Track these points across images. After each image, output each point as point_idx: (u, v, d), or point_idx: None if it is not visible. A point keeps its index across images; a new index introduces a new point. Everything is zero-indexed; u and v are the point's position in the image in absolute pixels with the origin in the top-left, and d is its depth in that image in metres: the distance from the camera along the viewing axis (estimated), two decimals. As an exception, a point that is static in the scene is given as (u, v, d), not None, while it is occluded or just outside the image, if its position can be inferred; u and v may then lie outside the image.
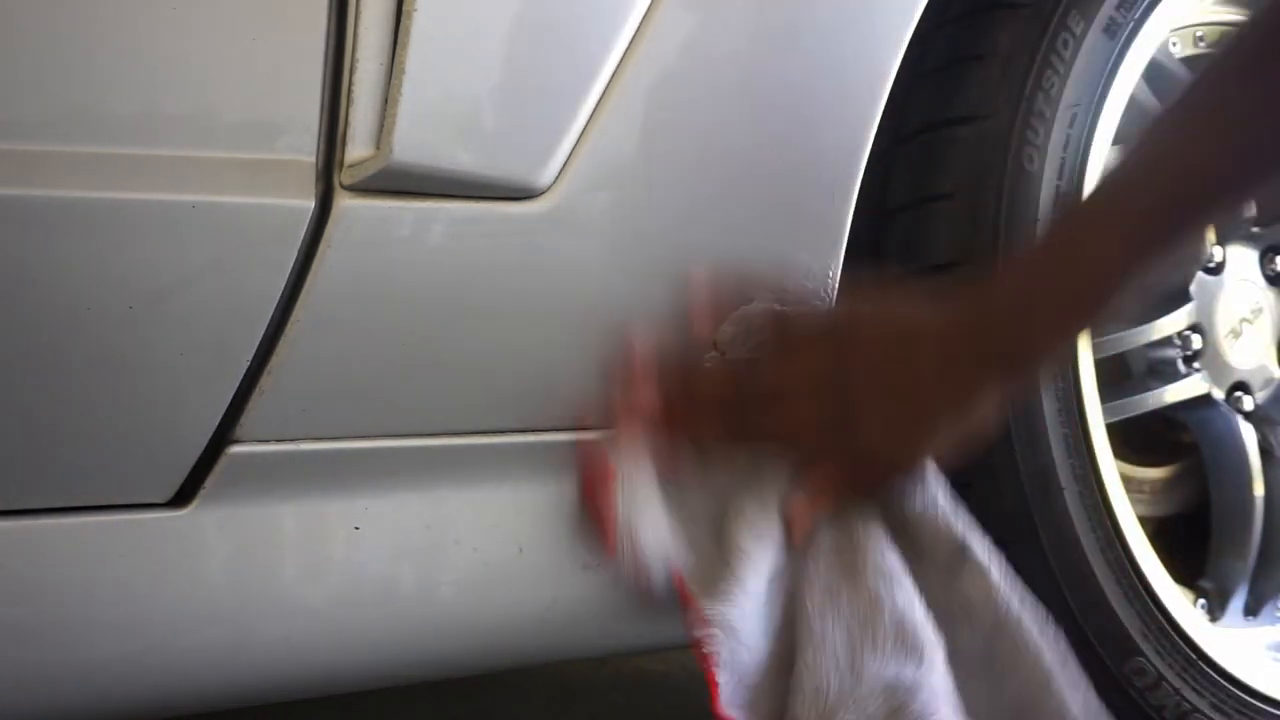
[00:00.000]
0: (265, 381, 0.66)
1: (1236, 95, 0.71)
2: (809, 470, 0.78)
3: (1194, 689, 0.96)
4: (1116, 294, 0.74)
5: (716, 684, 0.73)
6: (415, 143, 0.66)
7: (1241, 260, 1.16)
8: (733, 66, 0.76)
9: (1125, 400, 1.06)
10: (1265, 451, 1.16)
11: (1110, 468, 0.93)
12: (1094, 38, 0.91)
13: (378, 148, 0.66)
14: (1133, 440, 1.15)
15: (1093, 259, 0.73)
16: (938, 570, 0.79)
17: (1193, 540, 1.17)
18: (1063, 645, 0.79)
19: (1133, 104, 0.97)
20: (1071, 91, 0.90)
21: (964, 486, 0.88)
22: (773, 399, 0.78)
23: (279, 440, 0.68)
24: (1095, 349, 0.96)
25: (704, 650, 0.73)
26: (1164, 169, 0.72)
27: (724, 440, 0.78)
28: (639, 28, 0.72)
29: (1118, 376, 1.11)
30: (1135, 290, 0.74)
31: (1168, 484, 1.21)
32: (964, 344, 0.76)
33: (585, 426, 0.77)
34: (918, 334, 0.77)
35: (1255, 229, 1.17)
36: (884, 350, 0.77)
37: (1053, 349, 0.79)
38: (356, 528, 0.72)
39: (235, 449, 0.67)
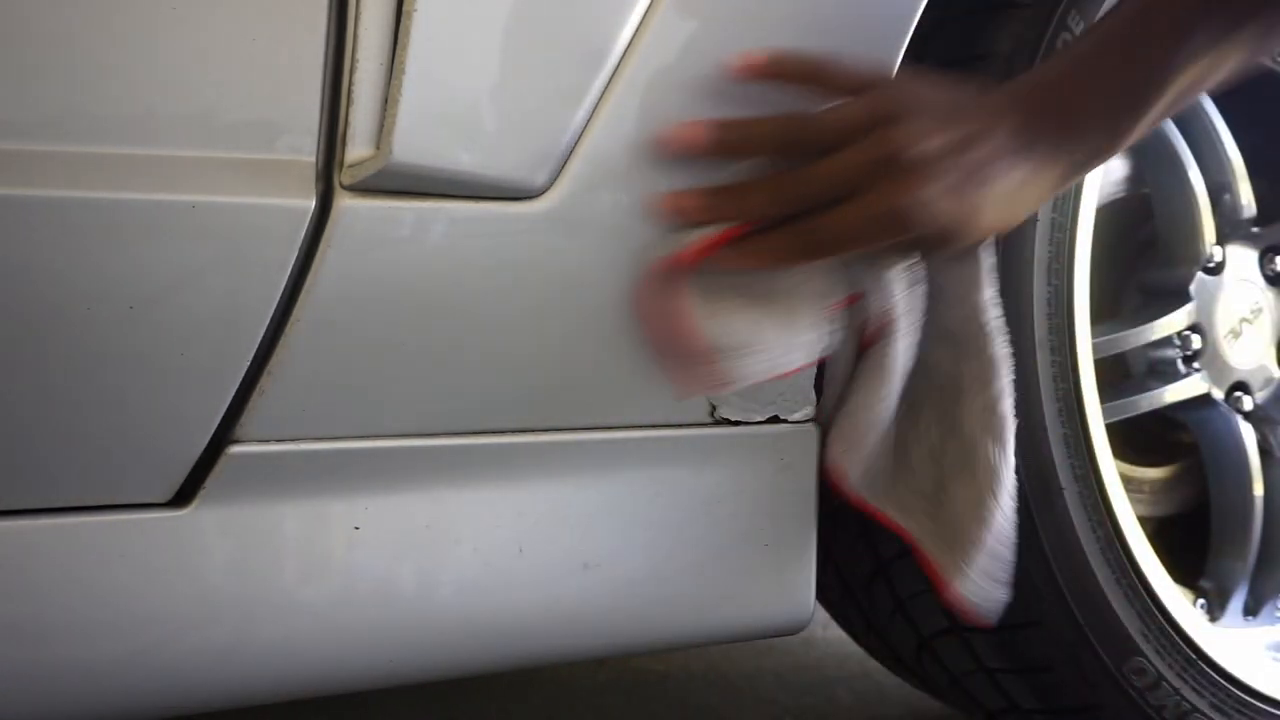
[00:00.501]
0: (265, 381, 0.66)
1: None
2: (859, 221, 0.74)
3: (1194, 689, 0.96)
4: (1166, 89, 0.74)
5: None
6: (415, 143, 0.66)
7: (1241, 260, 1.16)
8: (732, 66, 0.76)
9: (1125, 400, 1.06)
10: (1265, 451, 1.16)
11: (1110, 468, 0.93)
12: (1094, 38, 0.91)
13: (378, 148, 0.66)
14: (1133, 440, 1.15)
15: (1147, 44, 0.74)
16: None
17: (1193, 540, 1.17)
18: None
19: (1133, 104, 0.97)
20: (1071, 91, 0.90)
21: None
22: (830, 146, 0.74)
23: (279, 440, 0.68)
24: (1095, 349, 0.96)
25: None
26: None
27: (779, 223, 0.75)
28: (639, 28, 0.72)
29: (1118, 376, 1.11)
30: (1180, 99, 0.75)
31: (1168, 484, 1.21)
32: (1009, 135, 0.74)
33: (585, 427, 0.77)
34: (970, 122, 0.74)
35: (1255, 229, 1.17)
36: (945, 104, 0.75)
37: (1095, 148, 0.77)
38: (356, 528, 0.72)
39: (235, 449, 0.67)
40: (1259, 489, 1.15)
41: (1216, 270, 1.13)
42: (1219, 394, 1.13)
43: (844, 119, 0.74)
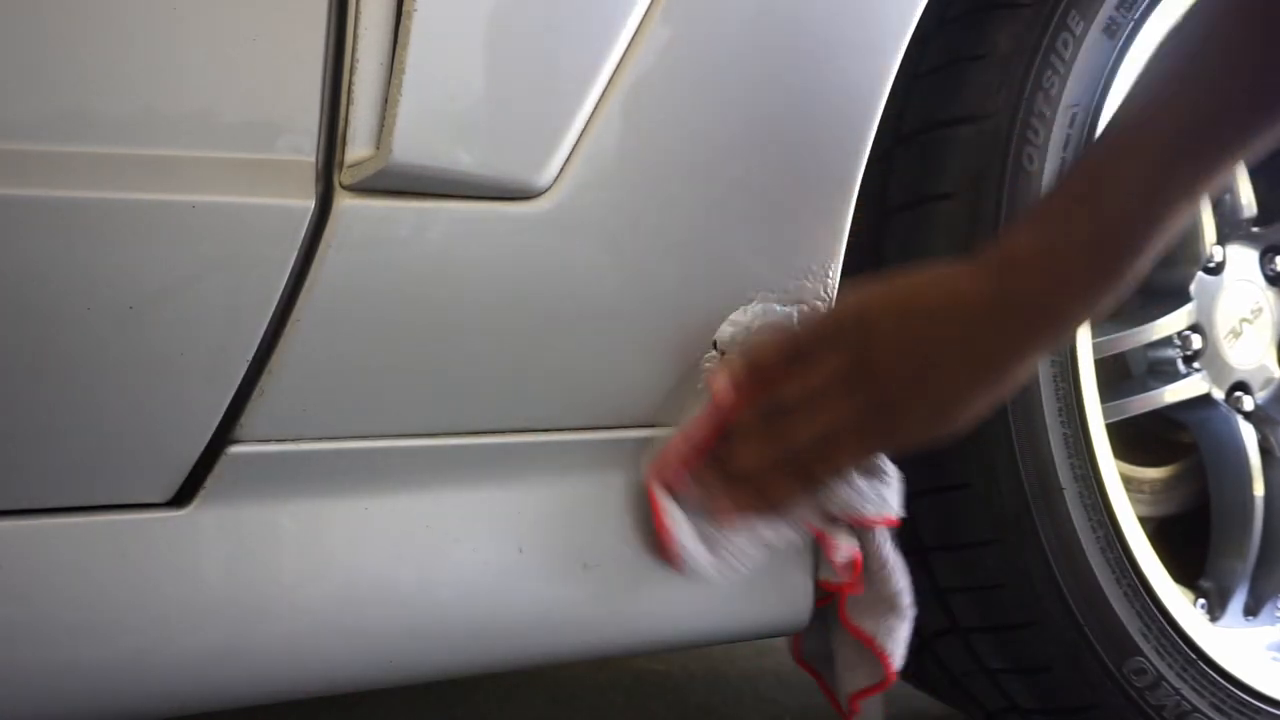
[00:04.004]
0: (265, 381, 0.66)
1: (1239, 30, 0.69)
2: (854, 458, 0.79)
3: (1194, 689, 0.96)
4: (1146, 235, 0.71)
5: None
6: (415, 143, 0.66)
7: (1241, 260, 1.16)
8: (732, 66, 0.76)
9: (1125, 400, 1.06)
10: (1265, 451, 1.16)
11: (1110, 468, 0.93)
12: (1094, 38, 0.91)
13: (378, 148, 0.66)
14: (1133, 440, 1.15)
15: (1117, 194, 0.71)
16: None
17: (1193, 540, 1.17)
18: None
19: (1133, 104, 0.97)
20: (1071, 91, 0.90)
21: (964, 486, 0.88)
22: (804, 407, 0.76)
23: (279, 440, 0.68)
24: (1095, 349, 0.96)
25: None
26: (1179, 99, 0.70)
27: (771, 472, 0.78)
28: (639, 28, 0.72)
29: (1118, 376, 1.11)
30: (1164, 238, 0.71)
31: (1168, 484, 1.21)
32: (987, 304, 0.73)
33: (585, 427, 0.77)
34: (936, 304, 0.75)
35: (1255, 229, 1.17)
36: (904, 329, 0.75)
37: (1084, 299, 0.74)
38: (356, 528, 0.72)
39: (235, 449, 0.67)
40: (1259, 489, 1.15)
41: (1217, 270, 1.13)
42: (1219, 394, 1.13)
43: (813, 386, 0.76)
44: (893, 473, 0.83)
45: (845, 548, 0.82)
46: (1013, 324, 0.73)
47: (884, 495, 0.82)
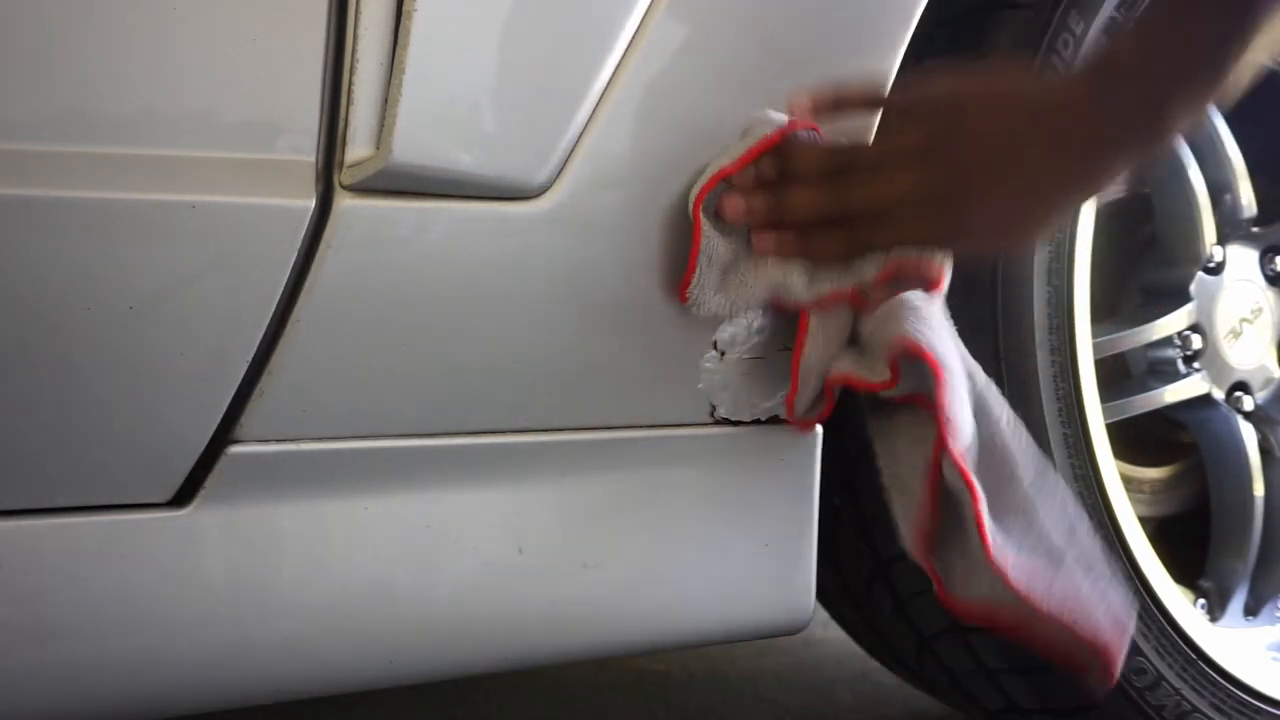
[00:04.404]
0: (265, 381, 0.66)
1: None
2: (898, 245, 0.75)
3: (1194, 689, 0.96)
4: (1241, 42, 0.71)
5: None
6: (415, 143, 0.66)
7: (1241, 260, 1.16)
8: (732, 66, 0.76)
9: (1125, 400, 1.06)
10: (1265, 451, 1.16)
11: (1110, 468, 0.93)
12: (1094, 38, 0.91)
13: (378, 148, 0.66)
14: (1133, 440, 1.15)
15: (1207, 17, 0.71)
16: None
17: (1193, 540, 1.17)
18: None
19: (1133, 104, 0.97)
20: (1071, 91, 0.90)
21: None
22: (870, 171, 0.74)
23: (279, 440, 0.68)
24: (1095, 349, 0.96)
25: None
26: None
27: (822, 224, 0.76)
28: (639, 28, 0.72)
29: (1118, 376, 1.11)
30: (1256, 49, 0.71)
31: (1168, 484, 1.21)
32: (1081, 113, 0.72)
33: (585, 427, 0.77)
34: (1031, 103, 0.74)
35: (1255, 229, 1.17)
36: (994, 119, 0.74)
37: (1182, 105, 0.73)
38: (356, 528, 0.72)
39: (235, 449, 0.67)
40: (1259, 489, 1.15)
41: (1217, 270, 1.13)
42: (1219, 394, 1.13)
43: (889, 149, 0.75)
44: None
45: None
46: (1108, 128, 0.73)
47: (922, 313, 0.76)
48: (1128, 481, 1.00)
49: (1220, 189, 1.14)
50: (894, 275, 0.76)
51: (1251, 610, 1.13)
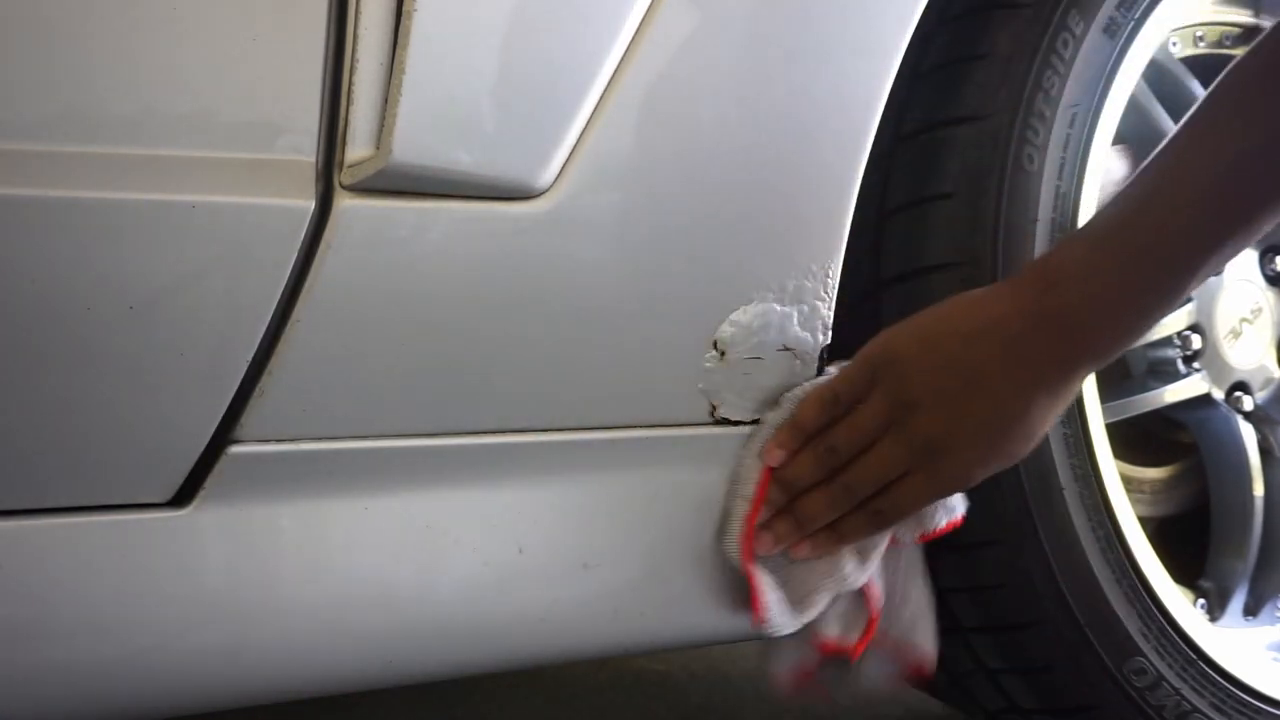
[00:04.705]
0: (265, 381, 0.66)
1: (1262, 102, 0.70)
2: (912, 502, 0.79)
3: (1194, 689, 0.96)
4: (1190, 279, 0.71)
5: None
6: (415, 143, 0.66)
7: (1241, 260, 1.16)
8: (732, 66, 0.76)
9: (1125, 400, 1.06)
10: (1265, 451, 1.16)
11: (1110, 468, 0.93)
12: (1094, 38, 0.91)
13: (378, 148, 0.66)
14: (1133, 440, 1.15)
15: (1166, 215, 0.71)
16: None
17: (1193, 540, 1.17)
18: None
19: (1133, 104, 0.97)
20: (1071, 91, 0.90)
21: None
22: (859, 460, 0.78)
23: (279, 440, 0.68)
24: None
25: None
26: (1217, 156, 0.70)
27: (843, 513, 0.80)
28: (639, 28, 0.72)
29: (1118, 376, 1.11)
30: (1212, 263, 0.71)
31: (1168, 484, 1.21)
32: (1030, 325, 0.73)
33: (585, 427, 0.77)
34: (969, 327, 0.75)
35: (1255, 229, 1.17)
36: (938, 358, 0.75)
37: (1130, 332, 0.74)
38: (357, 528, 0.71)
39: (235, 449, 0.67)
40: (1259, 489, 1.15)
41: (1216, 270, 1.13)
42: (1219, 394, 1.13)
43: (865, 422, 0.77)
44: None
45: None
46: (1054, 335, 0.73)
47: (948, 502, 0.83)
48: (1128, 481, 1.00)
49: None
50: (930, 537, 0.84)
51: (1251, 610, 1.13)
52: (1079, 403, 0.91)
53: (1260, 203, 0.71)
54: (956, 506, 0.83)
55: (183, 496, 0.67)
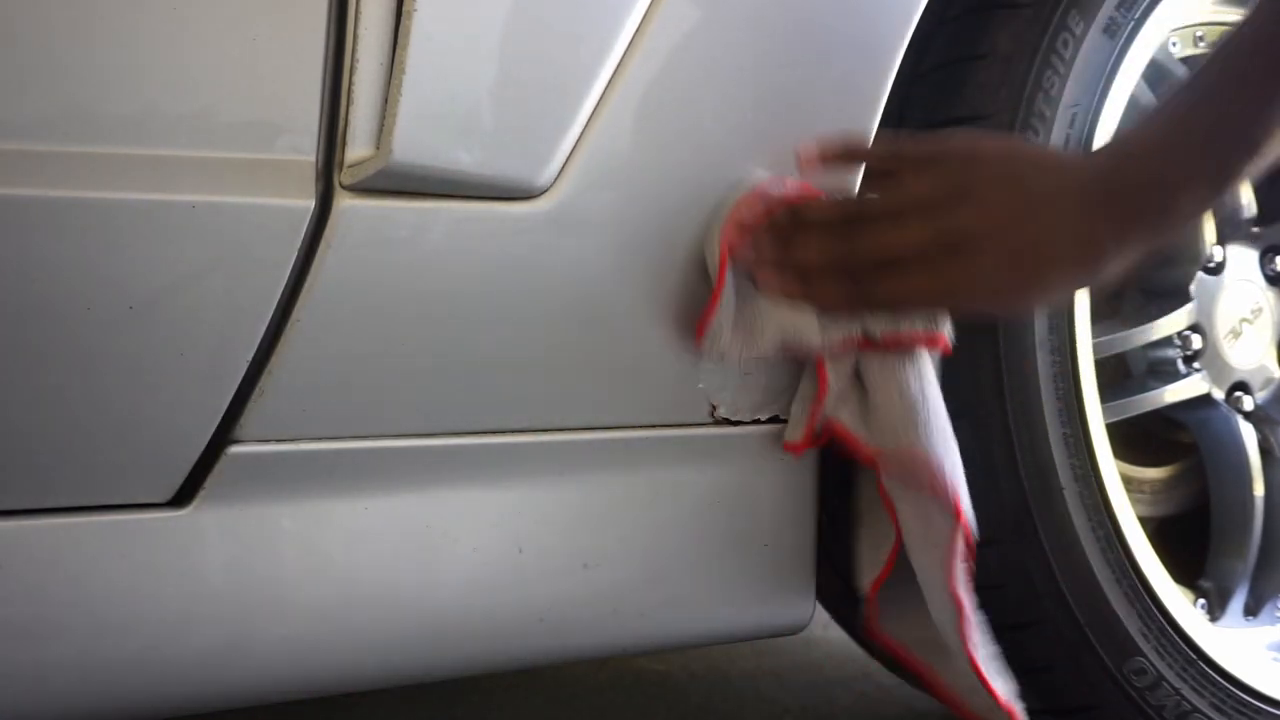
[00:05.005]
0: (265, 381, 0.66)
1: None
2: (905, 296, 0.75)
3: (1194, 689, 0.96)
4: (1259, 140, 0.72)
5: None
6: (415, 143, 0.66)
7: (1241, 260, 1.16)
8: (732, 66, 0.76)
9: (1125, 400, 1.06)
10: (1265, 451, 1.16)
11: (1110, 468, 0.93)
12: (1094, 38, 0.91)
13: (378, 148, 0.66)
14: (1133, 440, 1.15)
15: (1235, 99, 0.72)
16: None
17: (1193, 540, 1.17)
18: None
19: (1133, 104, 0.97)
20: (1071, 91, 0.90)
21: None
22: (882, 221, 0.75)
23: (279, 440, 0.68)
24: (1095, 349, 0.96)
25: None
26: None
27: (830, 272, 0.76)
28: (639, 27, 0.72)
29: (1118, 376, 1.10)
30: (1274, 149, 0.72)
31: (1168, 484, 1.21)
32: (1100, 182, 0.73)
33: (585, 427, 0.77)
34: (1046, 169, 0.75)
35: (1255, 229, 1.17)
36: (1009, 178, 0.74)
37: (1191, 210, 0.75)
38: (356, 528, 0.72)
39: (235, 449, 0.67)
40: (1259, 489, 1.15)
41: (1217, 270, 1.13)
42: (1219, 394, 1.13)
43: (905, 199, 0.75)
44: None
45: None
46: (1119, 205, 0.73)
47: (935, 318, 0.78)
48: (1128, 481, 1.00)
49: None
50: (900, 340, 0.78)
51: (1251, 610, 1.13)
52: (1079, 403, 0.91)
53: None
54: (941, 322, 0.78)
55: (183, 496, 0.67)
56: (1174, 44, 1.09)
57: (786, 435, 0.82)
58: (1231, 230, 1.15)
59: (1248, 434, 1.14)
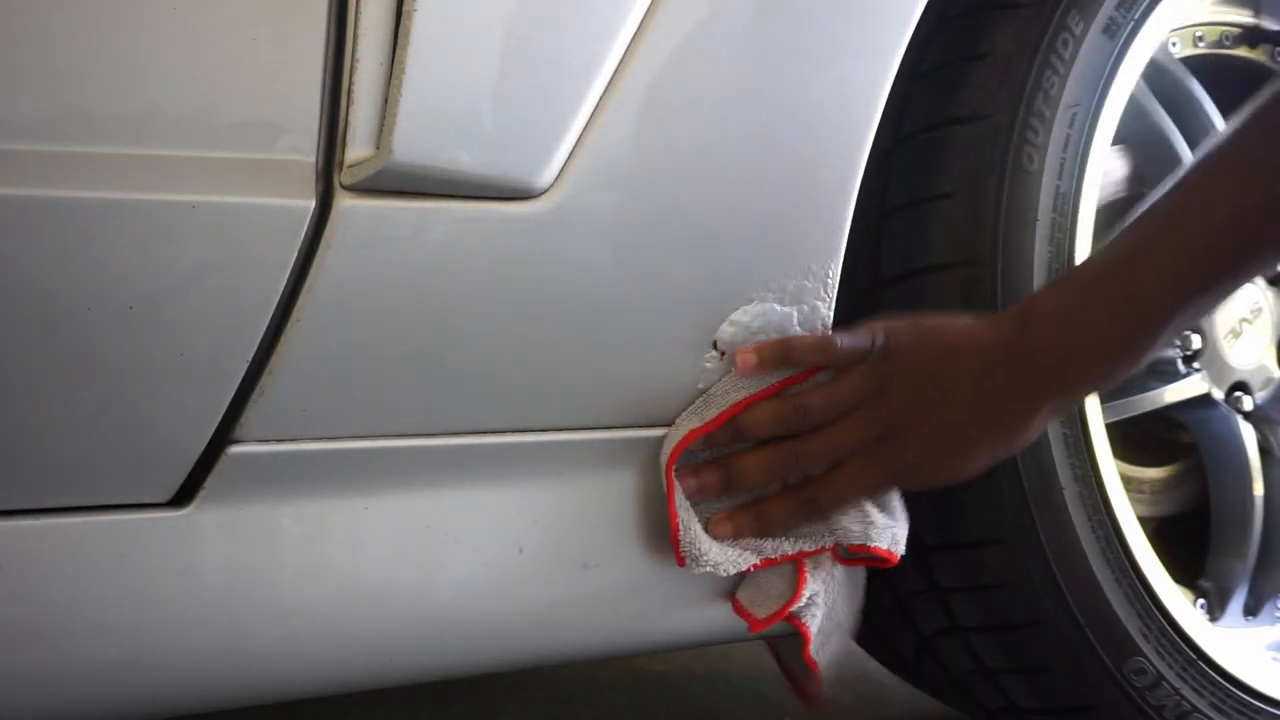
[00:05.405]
0: (265, 381, 0.66)
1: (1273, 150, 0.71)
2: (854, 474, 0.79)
3: (1194, 689, 0.96)
4: (1164, 333, 0.74)
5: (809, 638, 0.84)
6: (415, 143, 0.66)
7: (1241, 260, 1.16)
8: (732, 66, 0.76)
9: (1125, 400, 1.06)
10: (1265, 451, 1.16)
11: (1110, 468, 0.93)
12: (1094, 38, 0.91)
13: (378, 148, 0.66)
14: (1133, 440, 1.15)
15: (1139, 295, 0.73)
16: None
17: (1193, 540, 1.17)
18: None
19: (1133, 104, 0.97)
20: (1071, 91, 0.90)
21: (964, 486, 0.88)
22: (822, 424, 0.78)
23: (279, 440, 0.68)
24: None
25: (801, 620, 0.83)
26: (1212, 213, 0.72)
27: (772, 491, 0.80)
28: (639, 28, 0.72)
29: (1117, 376, 1.10)
30: (1186, 322, 0.74)
31: (1168, 484, 1.21)
32: (1003, 357, 0.76)
33: (585, 427, 0.77)
34: (956, 339, 0.77)
35: (1255, 229, 1.17)
36: (923, 360, 0.78)
37: (1095, 380, 0.78)
38: (356, 528, 0.72)
39: (235, 449, 0.67)
40: (1259, 489, 1.15)
41: (1216, 270, 1.13)
42: (1219, 394, 1.13)
43: (840, 398, 0.78)
44: (902, 514, 0.83)
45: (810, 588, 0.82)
46: (1022, 373, 0.76)
47: (895, 533, 0.82)
48: (1128, 481, 1.00)
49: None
50: (861, 557, 0.82)
51: (1251, 610, 1.13)
52: (1079, 403, 0.91)
53: (1253, 256, 0.73)
54: (899, 540, 0.82)
55: (183, 496, 0.67)
56: (1174, 44, 1.09)
57: (745, 604, 0.83)
58: (1231, 230, 1.15)
59: (1248, 434, 1.14)
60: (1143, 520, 0.97)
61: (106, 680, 0.67)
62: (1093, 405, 0.93)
